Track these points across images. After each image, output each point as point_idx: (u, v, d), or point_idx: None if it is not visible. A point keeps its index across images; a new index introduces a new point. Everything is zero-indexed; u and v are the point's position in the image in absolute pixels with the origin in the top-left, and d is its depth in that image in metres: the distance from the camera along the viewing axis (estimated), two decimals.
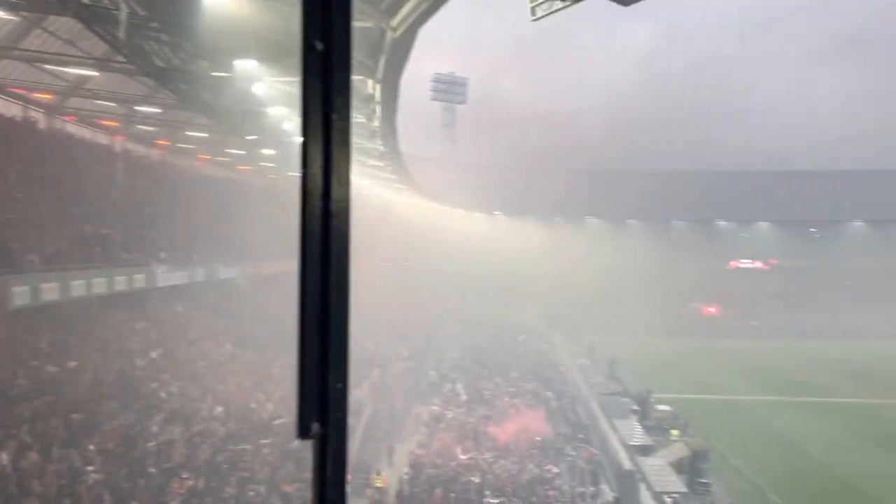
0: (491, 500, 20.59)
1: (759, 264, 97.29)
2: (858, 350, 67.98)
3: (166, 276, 30.69)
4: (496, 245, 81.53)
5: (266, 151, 36.21)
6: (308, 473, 1.46)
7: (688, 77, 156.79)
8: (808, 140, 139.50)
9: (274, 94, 21.68)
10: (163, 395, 23.70)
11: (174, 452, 19.60)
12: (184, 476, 18.22)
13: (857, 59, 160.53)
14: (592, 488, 24.06)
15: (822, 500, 26.61)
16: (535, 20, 16.48)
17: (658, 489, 23.03)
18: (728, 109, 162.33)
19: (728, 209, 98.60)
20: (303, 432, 1.40)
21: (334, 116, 1.39)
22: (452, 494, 21.01)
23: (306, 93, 1.38)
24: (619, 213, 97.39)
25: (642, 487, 24.72)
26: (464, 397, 34.10)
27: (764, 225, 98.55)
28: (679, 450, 30.75)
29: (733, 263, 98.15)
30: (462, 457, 24.40)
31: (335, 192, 1.39)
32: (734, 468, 29.44)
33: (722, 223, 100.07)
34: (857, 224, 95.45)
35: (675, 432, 33.43)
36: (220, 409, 24.18)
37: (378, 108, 23.92)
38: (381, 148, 32.61)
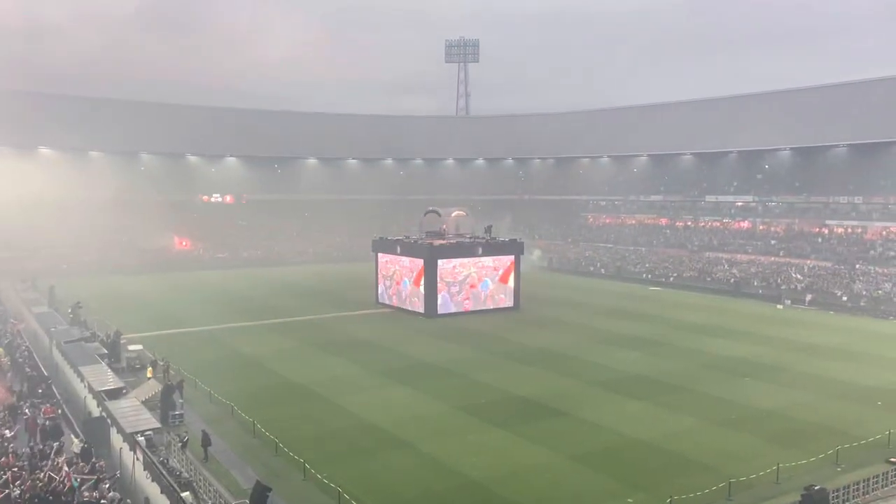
0: None
1: (229, 198, 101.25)
2: (316, 273, 77.57)
3: None
4: None
5: None
6: None
7: (182, 9, 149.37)
8: (285, 83, 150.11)
9: None
10: None
11: None
12: None
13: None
14: (55, 443, 22.17)
15: (281, 402, 29.98)
16: None
17: (130, 430, 22.52)
18: (215, 47, 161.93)
19: (199, 144, 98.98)
20: None
21: None
22: None
23: None
24: (80, 142, 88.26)
25: (113, 431, 23.90)
26: None
27: (232, 160, 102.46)
28: (152, 387, 30.57)
29: (205, 197, 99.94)
30: None
31: None
32: (207, 394, 30.78)
33: (192, 157, 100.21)
34: (312, 161, 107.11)
35: (148, 371, 33.02)
36: None
37: None
38: None
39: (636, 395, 31.28)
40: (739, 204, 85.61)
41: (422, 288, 52.00)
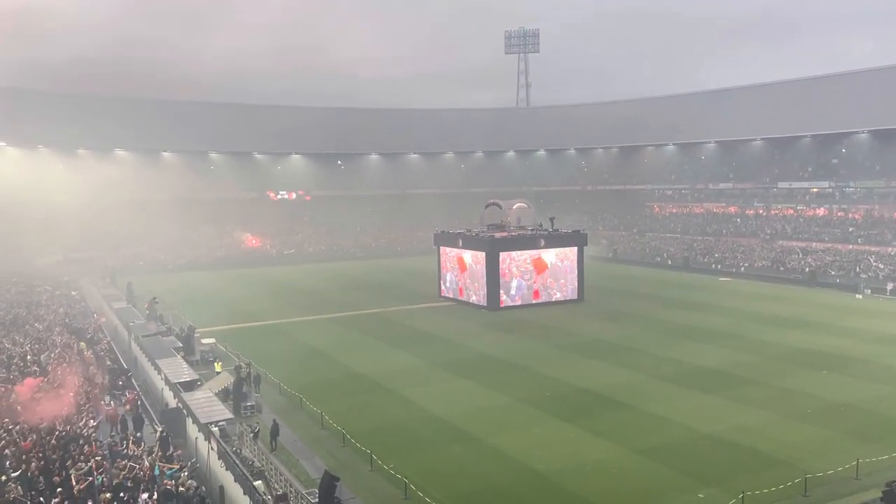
0: (11, 473, 18.14)
1: (294, 195, 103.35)
2: (379, 266, 78.46)
3: None
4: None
5: None
6: None
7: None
8: (347, 80, 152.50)
9: None
10: None
11: None
12: None
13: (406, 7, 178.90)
14: (136, 434, 23.17)
15: (347, 394, 30.54)
16: None
17: (205, 420, 23.33)
18: (285, 49, 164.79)
19: (265, 142, 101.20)
20: None
21: None
22: None
23: None
24: (153, 143, 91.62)
25: (189, 422, 24.79)
26: None
27: (297, 157, 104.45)
28: (224, 379, 31.52)
29: (272, 194, 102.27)
30: None
31: None
32: (275, 385, 31.61)
33: (259, 156, 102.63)
34: (374, 156, 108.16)
35: (217, 364, 34.09)
36: None
37: None
38: None
39: (706, 389, 30.48)
40: (815, 190, 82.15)
41: (485, 278, 51.98)
